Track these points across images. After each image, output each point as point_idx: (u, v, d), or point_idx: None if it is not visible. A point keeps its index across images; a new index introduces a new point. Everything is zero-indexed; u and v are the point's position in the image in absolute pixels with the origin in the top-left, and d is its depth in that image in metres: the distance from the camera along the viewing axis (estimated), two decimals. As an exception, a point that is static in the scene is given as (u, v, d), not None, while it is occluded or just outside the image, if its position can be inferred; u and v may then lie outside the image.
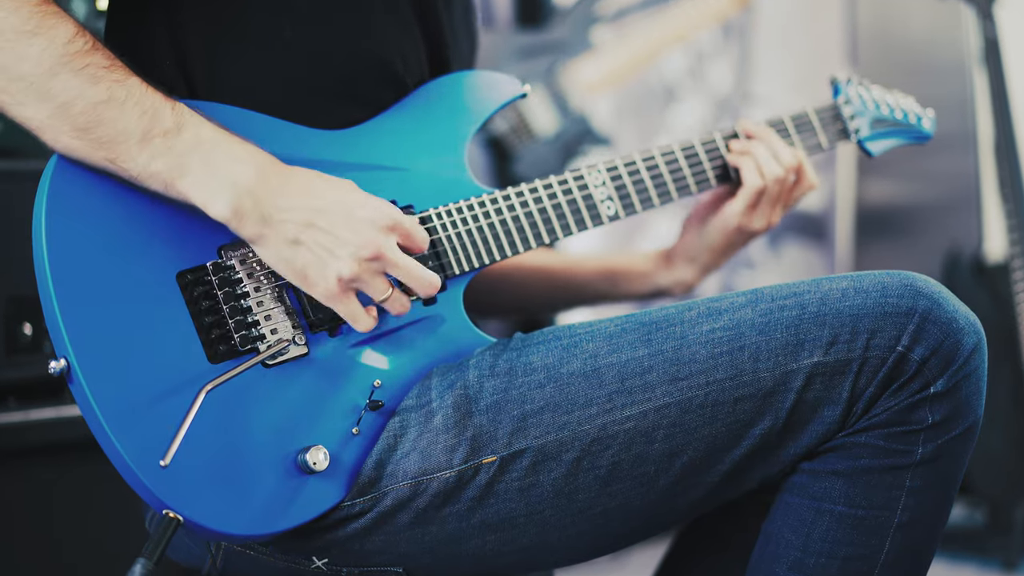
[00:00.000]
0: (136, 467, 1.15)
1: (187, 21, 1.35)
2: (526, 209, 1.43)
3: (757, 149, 1.55)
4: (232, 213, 1.20)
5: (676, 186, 1.55)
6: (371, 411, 1.29)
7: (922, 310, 1.24)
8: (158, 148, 1.18)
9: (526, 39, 2.99)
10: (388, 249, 1.24)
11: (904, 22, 3.91)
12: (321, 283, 1.23)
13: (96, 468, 1.20)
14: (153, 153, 1.18)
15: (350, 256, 1.22)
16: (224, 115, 1.29)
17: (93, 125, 1.18)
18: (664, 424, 1.26)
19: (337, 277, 1.22)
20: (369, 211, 1.24)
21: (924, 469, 1.26)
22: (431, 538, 1.29)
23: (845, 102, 1.68)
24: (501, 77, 1.52)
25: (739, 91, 3.78)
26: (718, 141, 1.58)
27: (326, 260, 1.22)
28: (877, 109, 1.69)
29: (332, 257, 1.22)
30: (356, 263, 1.22)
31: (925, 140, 1.75)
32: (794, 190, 1.58)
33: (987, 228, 3.43)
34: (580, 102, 2.99)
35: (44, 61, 1.16)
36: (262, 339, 1.26)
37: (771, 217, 1.58)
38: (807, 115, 1.65)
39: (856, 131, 1.67)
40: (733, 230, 1.58)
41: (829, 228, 3.98)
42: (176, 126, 1.19)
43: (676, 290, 1.68)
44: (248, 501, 1.20)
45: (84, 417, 1.17)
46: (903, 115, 1.72)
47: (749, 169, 1.55)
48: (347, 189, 1.26)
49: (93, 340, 1.17)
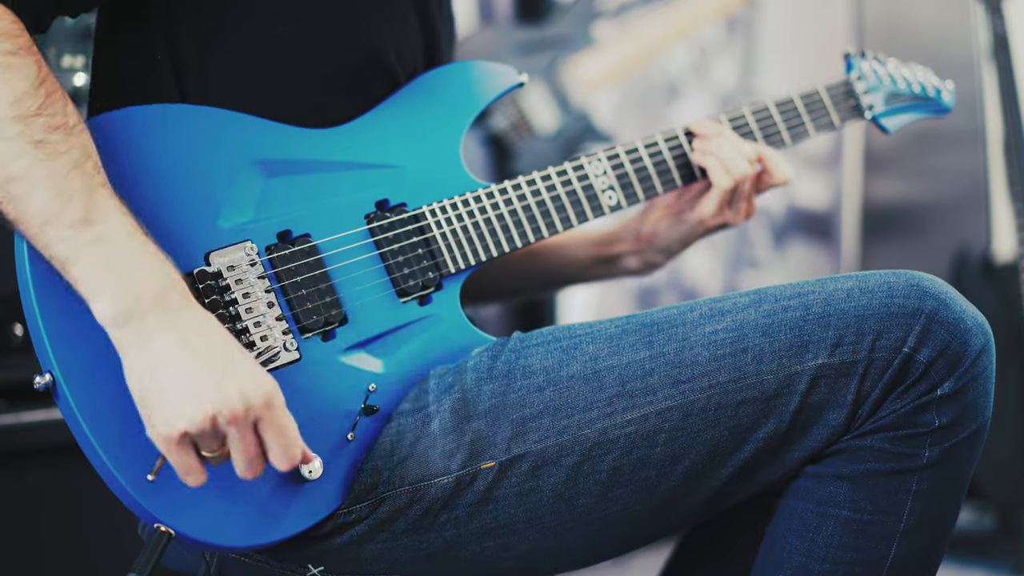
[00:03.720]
0: (125, 482, 1.14)
1: (180, 17, 1.34)
2: (524, 203, 1.42)
3: (721, 148, 1.52)
4: (116, 314, 1.12)
5: (680, 173, 1.53)
6: (366, 416, 1.28)
7: (929, 311, 1.23)
8: (58, 236, 1.14)
9: (526, 34, 2.98)
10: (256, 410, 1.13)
11: (911, 17, 3.90)
12: (160, 426, 1.11)
13: (87, 471, 1.19)
14: (50, 240, 1.14)
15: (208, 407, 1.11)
16: (214, 118, 1.28)
17: (1, 199, 1.14)
18: (666, 428, 1.25)
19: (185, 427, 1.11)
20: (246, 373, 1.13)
21: (931, 473, 1.25)
22: (429, 545, 1.28)
23: (858, 77, 1.64)
24: (497, 67, 1.51)
25: (743, 87, 3.77)
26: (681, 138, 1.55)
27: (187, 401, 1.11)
28: (893, 83, 1.66)
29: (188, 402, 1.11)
30: (207, 419, 1.11)
31: (944, 113, 1.71)
32: (761, 179, 1.55)
33: (996, 227, 3.42)
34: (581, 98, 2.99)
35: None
36: (252, 346, 1.24)
37: (748, 209, 1.56)
38: (817, 93, 1.62)
39: (870, 107, 1.64)
40: (710, 227, 1.57)
41: (835, 227, 3.97)
42: (85, 218, 1.14)
43: (644, 271, 1.67)
44: (241, 512, 1.19)
45: (71, 431, 1.16)
46: (920, 88, 1.69)
47: (717, 171, 1.51)
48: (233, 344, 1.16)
49: (78, 354, 1.16)
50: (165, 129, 1.26)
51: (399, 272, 1.34)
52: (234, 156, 1.29)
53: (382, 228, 1.35)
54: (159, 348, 1.12)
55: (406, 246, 1.35)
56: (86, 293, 1.13)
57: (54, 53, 1.85)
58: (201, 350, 1.13)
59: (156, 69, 1.33)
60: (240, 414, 1.11)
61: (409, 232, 1.36)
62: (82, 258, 1.13)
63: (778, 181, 1.54)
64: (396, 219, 1.36)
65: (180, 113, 1.27)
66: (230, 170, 1.29)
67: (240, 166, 1.29)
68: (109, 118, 1.25)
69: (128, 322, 1.12)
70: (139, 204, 1.21)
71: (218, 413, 1.11)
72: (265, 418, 1.13)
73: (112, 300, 1.12)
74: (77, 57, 1.87)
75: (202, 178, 1.27)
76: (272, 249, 1.29)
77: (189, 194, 1.26)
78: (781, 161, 1.54)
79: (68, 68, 1.87)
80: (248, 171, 1.30)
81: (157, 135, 1.26)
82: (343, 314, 1.30)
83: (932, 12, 3.84)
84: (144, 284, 1.13)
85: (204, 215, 1.26)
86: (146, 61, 1.32)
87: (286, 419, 1.15)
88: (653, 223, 1.61)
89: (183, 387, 1.11)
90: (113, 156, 1.22)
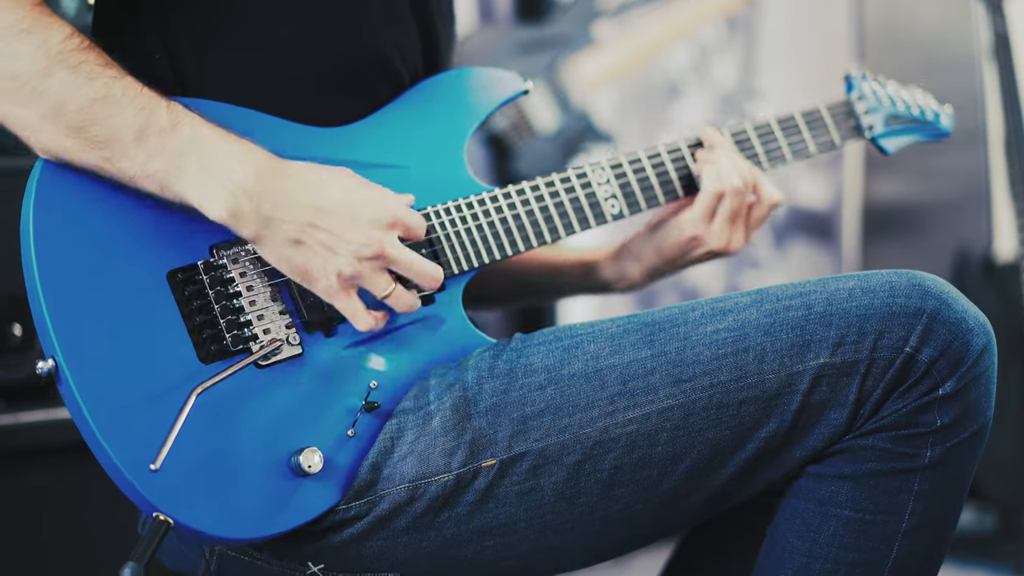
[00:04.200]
0: (126, 470, 1.14)
1: (177, 17, 1.34)
2: (527, 207, 1.42)
3: (720, 159, 1.51)
4: (230, 215, 1.19)
5: (681, 184, 1.53)
6: (367, 413, 1.28)
7: (931, 310, 1.23)
8: (154, 147, 1.18)
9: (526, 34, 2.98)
10: (389, 246, 1.24)
11: (912, 16, 3.90)
12: (322, 280, 1.23)
13: (87, 471, 1.19)
14: (149, 152, 1.18)
15: (351, 254, 1.22)
16: (220, 112, 1.28)
17: (88, 123, 1.17)
18: (667, 427, 1.25)
19: (337, 274, 1.22)
20: (370, 208, 1.24)
21: (932, 473, 1.25)
22: (429, 543, 1.28)
23: (859, 98, 1.65)
24: (502, 74, 1.51)
25: (744, 87, 3.77)
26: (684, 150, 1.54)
27: (327, 258, 1.22)
28: (892, 105, 1.67)
29: (333, 255, 1.22)
30: (357, 261, 1.22)
31: (943, 137, 1.72)
32: (754, 210, 1.53)
33: (997, 227, 3.41)
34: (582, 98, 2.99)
35: (39, 59, 1.16)
36: (255, 339, 1.25)
37: (731, 236, 1.51)
38: (819, 111, 1.62)
39: (870, 127, 1.65)
40: (687, 239, 1.52)
41: (836, 227, 3.97)
42: (172, 125, 1.19)
43: (619, 284, 1.63)
44: (241, 504, 1.19)
45: (73, 419, 1.17)
46: (919, 111, 1.69)
47: (709, 175, 1.50)
48: (345, 179, 1.26)
49: (82, 340, 1.16)
50: None
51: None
52: None
53: None
54: (287, 225, 1.20)
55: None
56: (196, 203, 1.20)
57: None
58: (321, 204, 1.22)
59: (154, 69, 1.33)
60: (382, 239, 1.23)
61: None
62: (184, 170, 1.18)
63: (767, 203, 1.52)
64: None
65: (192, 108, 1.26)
66: None
67: None
68: None
69: (246, 217, 1.20)
70: (145, 195, 1.22)
71: (362, 250, 1.22)
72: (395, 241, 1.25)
73: (223, 203, 1.19)
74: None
75: None
76: (276, 243, 1.29)
77: None
78: (769, 183, 1.53)
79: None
80: None
81: None
82: (346, 310, 1.30)
83: (933, 11, 3.83)
84: (243, 174, 1.19)
85: None
86: (144, 61, 1.32)
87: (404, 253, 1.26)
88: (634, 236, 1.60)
89: (324, 244, 1.21)
90: None
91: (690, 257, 1.54)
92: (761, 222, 1.54)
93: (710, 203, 1.50)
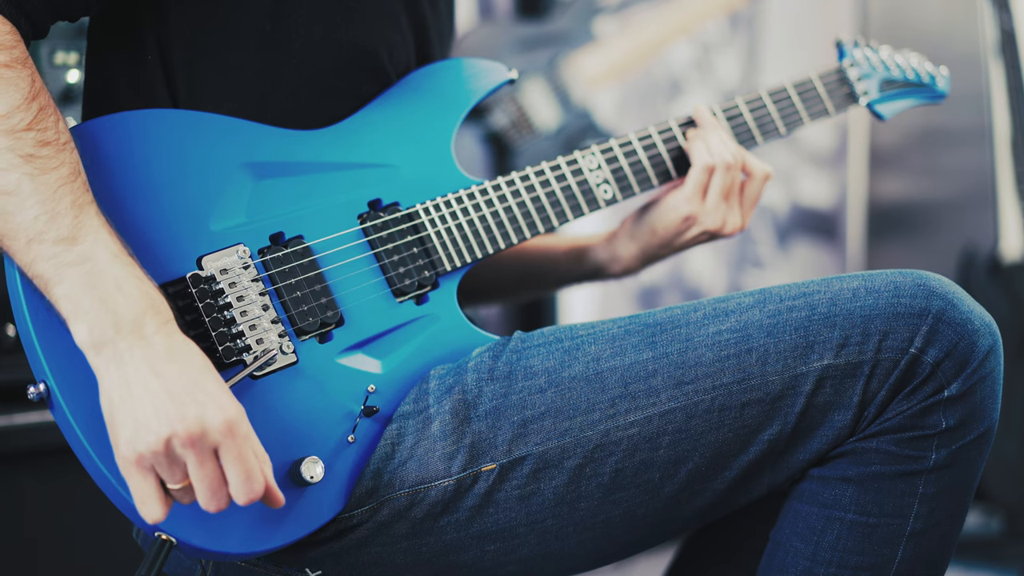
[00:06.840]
0: (125, 491, 1.12)
1: (171, 18, 1.33)
2: (518, 199, 1.42)
3: (709, 135, 1.50)
4: (93, 340, 1.11)
5: (675, 165, 1.52)
6: (366, 417, 1.27)
7: (936, 311, 1.23)
8: (41, 253, 1.13)
9: (527, 30, 2.98)
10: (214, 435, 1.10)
11: (917, 13, 3.90)
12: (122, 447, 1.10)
13: (82, 474, 1.18)
14: (35, 257, 1.13)
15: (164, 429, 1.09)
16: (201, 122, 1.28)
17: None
18: (669, 430, 1.25)
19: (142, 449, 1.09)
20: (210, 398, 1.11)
21: (938, 475, 1.25)
22: (428, 549, 1.27)
23: (851, 64, 1.64)
24: (487, 63, 1.50)
25: (746, 83, 3.76)
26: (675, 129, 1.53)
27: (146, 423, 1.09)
28: (886, 70, 1.66)
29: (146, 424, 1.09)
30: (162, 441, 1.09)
31: (940, 100, 1.72)
32: (747, 186, 1.52)
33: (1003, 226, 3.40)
34: (583, 95, 2.98)
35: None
36: (248, 350, 1.23)
37: (726, 216, 1.50)
38: (811, 81, 1.61)
39: (864, 94, 1.64)
40: (682, 218, 1.50)
41: (840, 226, 3.97)
42: (71, 237, 1.14)
43: (613, 267, 1.61)
44: (242, 518, 1.18)
45: (68, 441, 1.15)
46: (915, 75, 1.69)
47: (699, 150, 1.49)
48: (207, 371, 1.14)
49: (72, 362, 1.14)
50: (156, 134, 1.26)
51: (394, 272, 1.33)
52: (224, 159, 1.29)
53: (376, 228, 1.34)
54: (130, 373, 1.10)
55: (400, 245, 1.34)
56: (66, 314, 1.12)
57: (47, 50, 1.84)
58: (170, 375, 1.10)
59: (147, 70, 1.32)
60: (196, 436, 1.08)
61: (403, 231, 1.35)
62: (65, 279, 1.12)
63: (759, 176, 1.51)
64: (389, 218, 1.35)
65: (170, 118, 1.26)
66: (221, 173, 1.28)
67: (230, 169, 1.29)
68: (100, 123, 1.24)
69: (104, 348, 1.11)
70: (131, 209, 1.21)
71: (173, 435, 1.07)
72: (224, 445, 1.10)
73: (90, 325, 1.11)
74: (70, 54, 1.86)
75: (193, 182, 1.26)
76: (265, 251, 1.28)
77: (180, 198, 1.25)
78: (755, 158, 1.52)
79: (61, 65, 1.86)
80: (239, 174, 1.29)
81: (148, 140, 1.25)
82: (339, 315, 1.29)
83: (938, 8, 3.83)
84: (122, 310, 1.11)
85: (196, 219, 1.25)
86: (138, 62, 1.32)
87: (247, 449, 1.11)
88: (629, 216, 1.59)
89: (145, 411, 1.08)
90: (105, 161, 1.22)
91: (686, 238, 1.53)
92: (755, 199, 1.53)
93: (701, 178, 1.49)
